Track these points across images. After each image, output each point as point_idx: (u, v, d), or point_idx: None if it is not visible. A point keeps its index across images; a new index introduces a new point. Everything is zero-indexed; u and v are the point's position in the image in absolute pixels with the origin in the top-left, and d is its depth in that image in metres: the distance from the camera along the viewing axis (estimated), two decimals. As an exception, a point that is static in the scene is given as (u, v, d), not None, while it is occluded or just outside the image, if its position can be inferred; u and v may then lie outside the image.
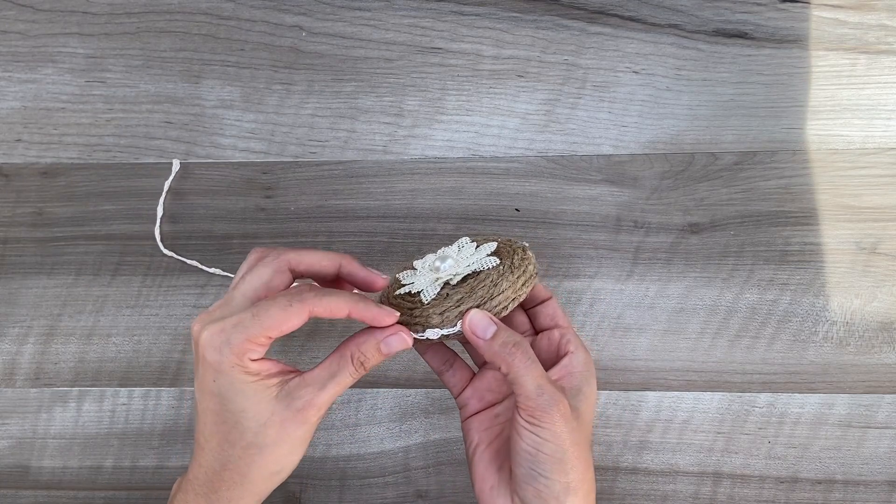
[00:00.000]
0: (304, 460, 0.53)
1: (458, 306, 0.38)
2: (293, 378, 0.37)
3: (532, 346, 0.42)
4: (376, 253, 0.53)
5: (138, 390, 0.54)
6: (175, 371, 0.54)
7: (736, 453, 0.51)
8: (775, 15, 0.53)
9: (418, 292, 0.40)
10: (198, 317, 0.37)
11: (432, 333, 0.39)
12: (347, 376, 0.37)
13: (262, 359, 0.36)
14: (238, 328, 0.35)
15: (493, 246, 0.41)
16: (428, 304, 0.39)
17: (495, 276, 0.39)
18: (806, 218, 0.52)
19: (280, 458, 0.37)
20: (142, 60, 0.56)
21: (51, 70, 0.56)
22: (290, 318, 0.35)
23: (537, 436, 0.36)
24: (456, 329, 0.38)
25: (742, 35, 0.53)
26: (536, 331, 0.44)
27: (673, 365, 0.51)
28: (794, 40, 0.53)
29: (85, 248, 0.55)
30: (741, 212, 0.52)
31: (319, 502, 0.52)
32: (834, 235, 0.52)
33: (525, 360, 0.36)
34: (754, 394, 0.51)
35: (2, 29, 0.57)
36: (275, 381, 0.36)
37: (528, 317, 0.45)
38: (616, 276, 0.52)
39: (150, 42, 0.56)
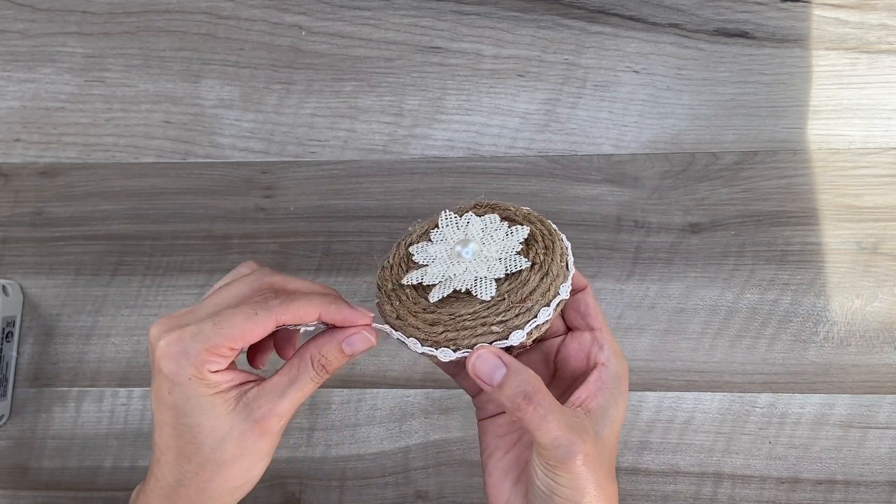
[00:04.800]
0: (303, 461, 0.53)
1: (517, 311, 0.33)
2: (252, 387, 0.34)
3: (561, 348, 0.39)
4: (376, 253, 0.53)
5: (137, 390, 0.54)
6: (174, 371, 0.53)
7: (737, 454, 0.50)
8: (776, 14, 0.53)
9: (459, 290, 0.34)
10: (158, 319, 0.35)
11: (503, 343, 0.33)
12: (308, 381, 0.35)
13: (224, 369, 0.34)
14: (197, 338, 0.33)
15: (525, 231, 0.35)
16: (487, 305, 0.33)
17: (552, 277, 0.34)
18: (807, 218, 0.52)
19: (241, 472, 0.35)
20: (141, 60, 0.56)
21: (50, 69, 0.56)
22: (254, 328, 0.33)
23: (553, 481, 0.33)
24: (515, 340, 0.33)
25: (743, 34, 0.53)
26: (567, 327, 0.39)
27: (673, 365, 0.51)
28: (795, 40, 0.53)
29: (84, 248, 0.55)
30: (742, 212, 0.52)
31: (319, 503, 0.52)
32: (835, 235, 0.51)
33: (539, 413, 0.32)
34: (755, 394, 0.51)
35: (1, 28, 0.57)
36: (233, 392, 0.34)
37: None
38: (616, 276, 0.52)
39: (149, 41, 0.56)
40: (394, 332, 0.35)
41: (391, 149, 0.54)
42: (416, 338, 0.34)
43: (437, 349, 0.34)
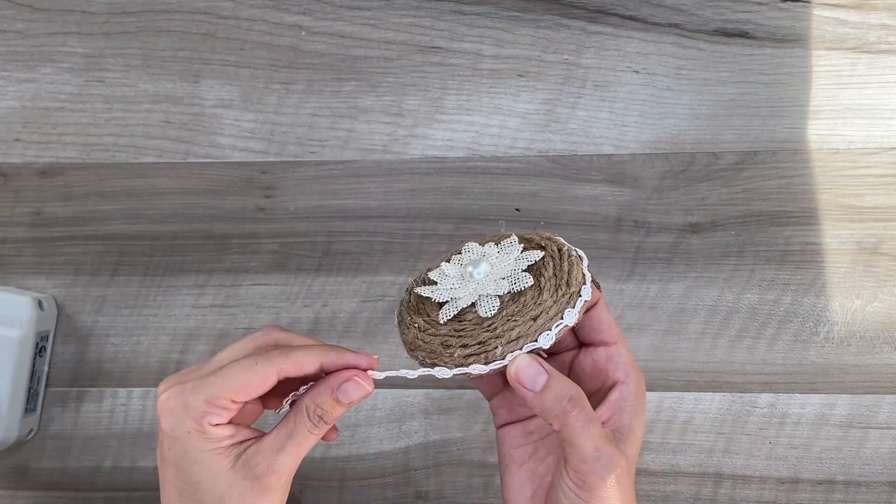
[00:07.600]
0: (303, 461, 0.53)
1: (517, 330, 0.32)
2: (252, 444, 0.33)
3: (574, 364, 0.37)
4: (376, 253, 0.53)
5: (137, 391, 0.54)
6: (174, 371, 0.53)
7: (737, 454, 0.50)
8: (776, 14, 0.53)
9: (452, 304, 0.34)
10: (167, 377, 0.34)
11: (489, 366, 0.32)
12: (306, 433, 0.34)
13: (225, 424, 0.33)
14: (197, 389, 0.32)
15: (537, 254, 0.35)
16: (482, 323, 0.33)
17: (548, 298, 0.33)
18: (807, 218, 0.52)
19: None
20: (141, 60, 0.56)
21: (49, 69, 0.56)
22: (254, 378, 0.32)
23: (581, 499, 0.32)
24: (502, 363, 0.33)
25: (743, 34, 0.53)
26: (579, 342, 0.38)
27: (674, 365, 0.51)
28: (795, 40, 0.53)
29: (84, 248, 0.55)
30: (742, 212, 0.52)
31: (319, 503, 0.52)
32: (835, 235, 0.51)
33: (582, 419, 0.32)
34: (755, 394, 0.51)
35: (1, 28, 0.57)
36: (234, 449, 0.33)
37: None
38: (616, 276, 0.52)
39: (149, 41, 0.56)
40: (409, 372, 0.36)
41: (391, 149, 0.54)
42: (441, 365, 0.34)
43: (459, 367, 0.33)
